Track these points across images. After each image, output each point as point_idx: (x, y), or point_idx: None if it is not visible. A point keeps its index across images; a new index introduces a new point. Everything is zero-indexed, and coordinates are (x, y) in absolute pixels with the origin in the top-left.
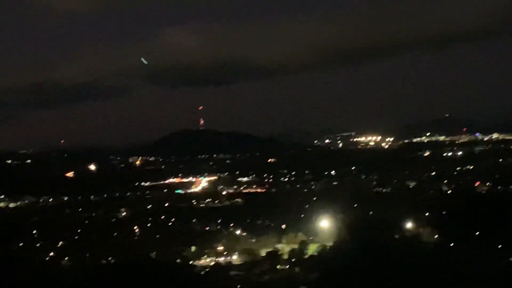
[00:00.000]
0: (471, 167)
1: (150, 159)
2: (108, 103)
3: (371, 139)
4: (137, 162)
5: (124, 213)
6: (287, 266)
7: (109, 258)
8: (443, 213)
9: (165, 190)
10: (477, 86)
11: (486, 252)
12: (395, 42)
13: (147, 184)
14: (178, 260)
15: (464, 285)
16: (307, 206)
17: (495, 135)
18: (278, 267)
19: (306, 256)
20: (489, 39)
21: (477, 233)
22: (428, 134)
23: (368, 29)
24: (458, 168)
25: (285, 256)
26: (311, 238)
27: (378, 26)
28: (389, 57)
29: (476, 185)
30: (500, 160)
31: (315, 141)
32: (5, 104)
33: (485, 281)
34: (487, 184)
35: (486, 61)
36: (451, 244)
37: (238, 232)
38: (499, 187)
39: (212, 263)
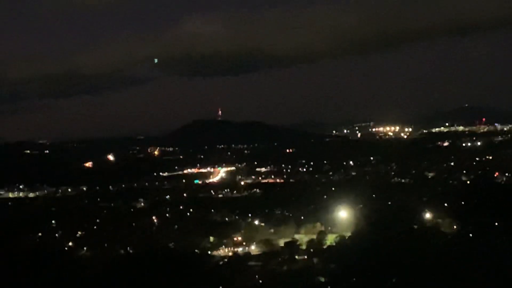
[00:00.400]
0: (490, 158)
1: (168, 149)
2: (127, 93)
3: (390, 129)
4: (155, 152)
5: (143, 203)
6: (306, 257)
7: (128, 248)
8: (462, 203)
9: (183, 180)
10: (496, 76)
11: (505, 242)
12: (415, 31)
13: (165, 174)
14: (196, 251)
15: (482, 274)
16: (325, 197)
17: None
18: (296, 257)
19: (325, 247)
20: (509, 28)
21: (496, 223)
22: (447, 124)
23: (388, 18)
24: (477, 159)
25: (304, 247)
26: (329, 228)
27: (398, 15)
28: (409, 47)
29: (495, 175)
30: None
31: (334, 131)
32: (25, 95)
33: (504, 270)
34: (506, 174)
35: (506, 50)
36: (470, 235)
37: (256, 222)
38: None
39: (231, 254)
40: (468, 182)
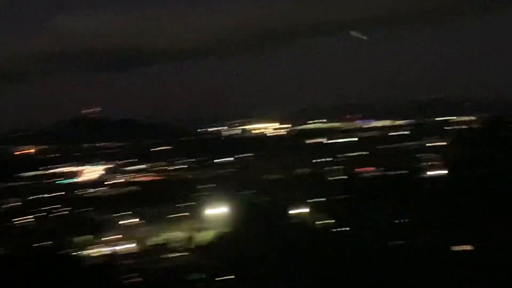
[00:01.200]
0: (361, 153)
1: (43, 147)
2: (4, 90)
3: (268, 126)
4: (30, 150)
5: (14, 203)
6: (181, 254)
7: None
8: (334, 198)
9: (57, 179)
10: (374, 73)
11: (371, 236)
12: (300, 29)
13: (38, 173)
14: (69, 250)
15: (351, 266)
16: (201, 194)
17: (386, 122)
18: (172, 255)
19: (200, 244)
20: (387, 26)
21: (365, 217)
22: (324, 120)
23: (269, 18)
24: (349, 154)
25: (179, 244)
26: (204, 225)
27: (281, 14)
28: (291, 44)
29: (364, 170)
30: (391, 145)
31: (210, 128)
32: None
33: (369, 263)
34: (376, 169)
35: (384, 48)
36: (341, 229)
37: (131, 220)
38: (387, 172)
39: (106, 253)
40: (341, 177)
